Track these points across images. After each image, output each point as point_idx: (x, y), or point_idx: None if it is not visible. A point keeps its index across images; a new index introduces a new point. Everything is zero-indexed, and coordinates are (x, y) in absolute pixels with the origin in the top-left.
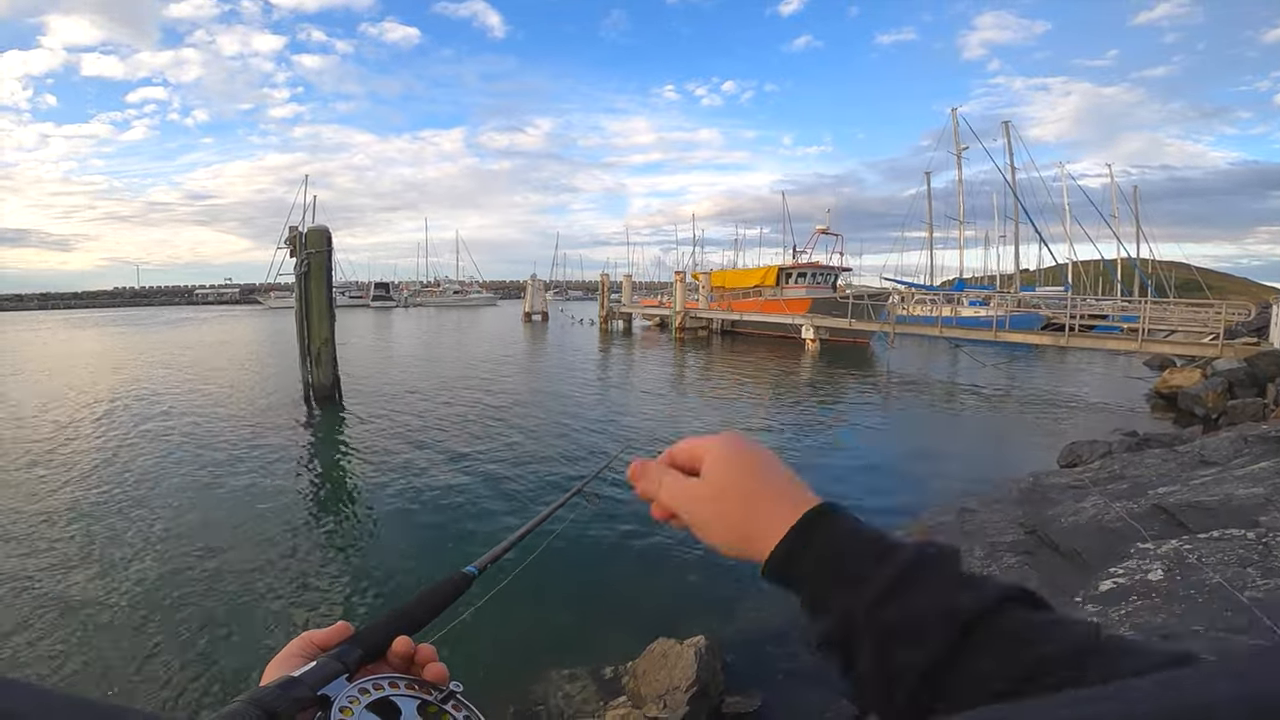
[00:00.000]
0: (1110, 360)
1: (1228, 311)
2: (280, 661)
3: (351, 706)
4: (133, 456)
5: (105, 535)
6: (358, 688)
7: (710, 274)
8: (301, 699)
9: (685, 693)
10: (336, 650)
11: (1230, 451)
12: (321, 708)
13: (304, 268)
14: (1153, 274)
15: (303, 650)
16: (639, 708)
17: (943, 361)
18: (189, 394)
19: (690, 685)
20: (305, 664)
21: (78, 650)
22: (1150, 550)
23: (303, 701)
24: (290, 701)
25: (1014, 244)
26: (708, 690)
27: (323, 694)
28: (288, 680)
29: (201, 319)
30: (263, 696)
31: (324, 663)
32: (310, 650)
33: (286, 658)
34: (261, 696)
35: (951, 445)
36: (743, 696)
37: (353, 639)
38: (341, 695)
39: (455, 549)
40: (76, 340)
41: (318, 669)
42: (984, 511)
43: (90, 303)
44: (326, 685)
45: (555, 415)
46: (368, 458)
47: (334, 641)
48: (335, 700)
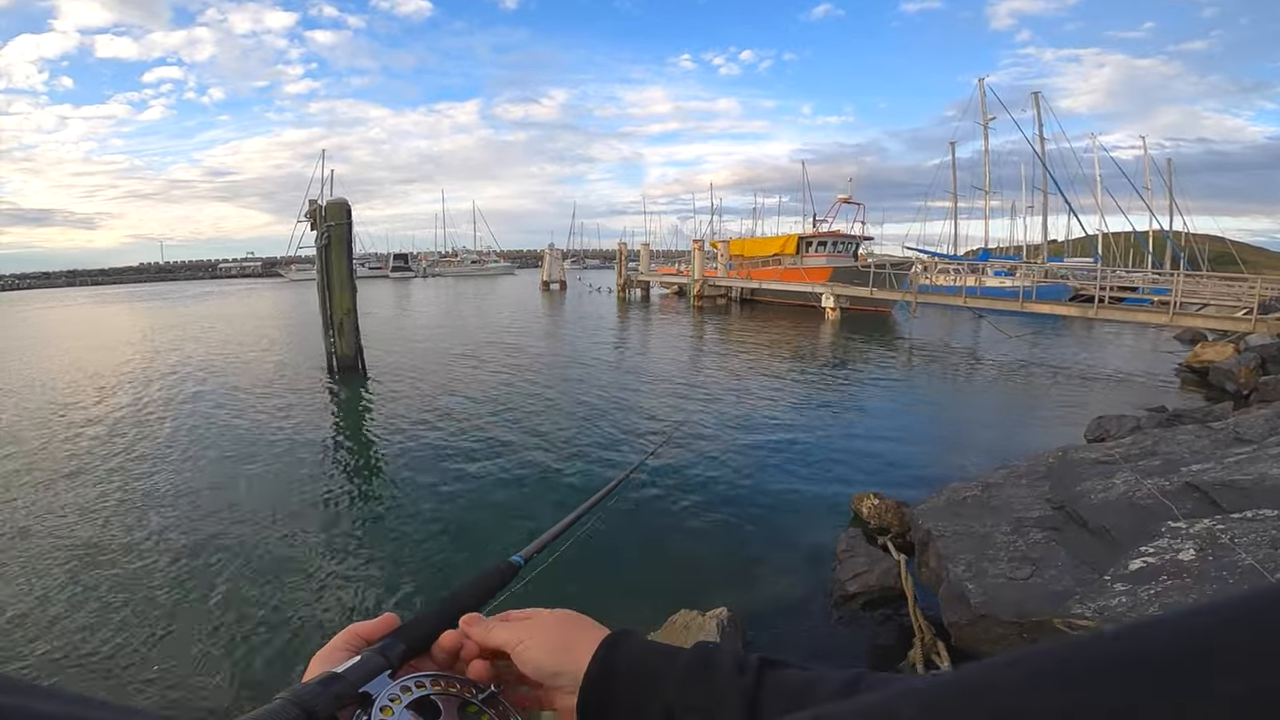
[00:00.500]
0: (1139, 333)
1: (1262, 286)
2: (325, 655)
3: (392, 705)
4: (167, 428)
5: (141, 506)
6: (400, 685)
7: (729, 242)
8: (343, 696)
9: None
10: (380, 645)
11: (1266, 429)
12: (363, 705)
13: (325, 240)
14: (1185, 246)
15: (348, 644)
16: None
17: (965, 332)
18: (218, 365)
19: None
20: (350, 658)
21: (106, 630)
22: (1182, 529)
23: (344, 699)
24: (331, 699)
25: (1042, 214)
26: None
27: (364, 691)
28: (330, 676)
29: (225, 292)
30: (303, 694)
31: (367, 658)
32: (356, 643)
33: (331, 651)
34: (302, 694)
35: (975, 417)
36: None
37: (397, 633)
38: (383, 693)
39: (483, 521)
40: (107, 315)
41: (361, 665)
42: (1009, 486)
43: (116, 279)
44: (369, 682)
45: (580, 385)
46: (393, 429)
47: (379, 634)
48: (377, 698)
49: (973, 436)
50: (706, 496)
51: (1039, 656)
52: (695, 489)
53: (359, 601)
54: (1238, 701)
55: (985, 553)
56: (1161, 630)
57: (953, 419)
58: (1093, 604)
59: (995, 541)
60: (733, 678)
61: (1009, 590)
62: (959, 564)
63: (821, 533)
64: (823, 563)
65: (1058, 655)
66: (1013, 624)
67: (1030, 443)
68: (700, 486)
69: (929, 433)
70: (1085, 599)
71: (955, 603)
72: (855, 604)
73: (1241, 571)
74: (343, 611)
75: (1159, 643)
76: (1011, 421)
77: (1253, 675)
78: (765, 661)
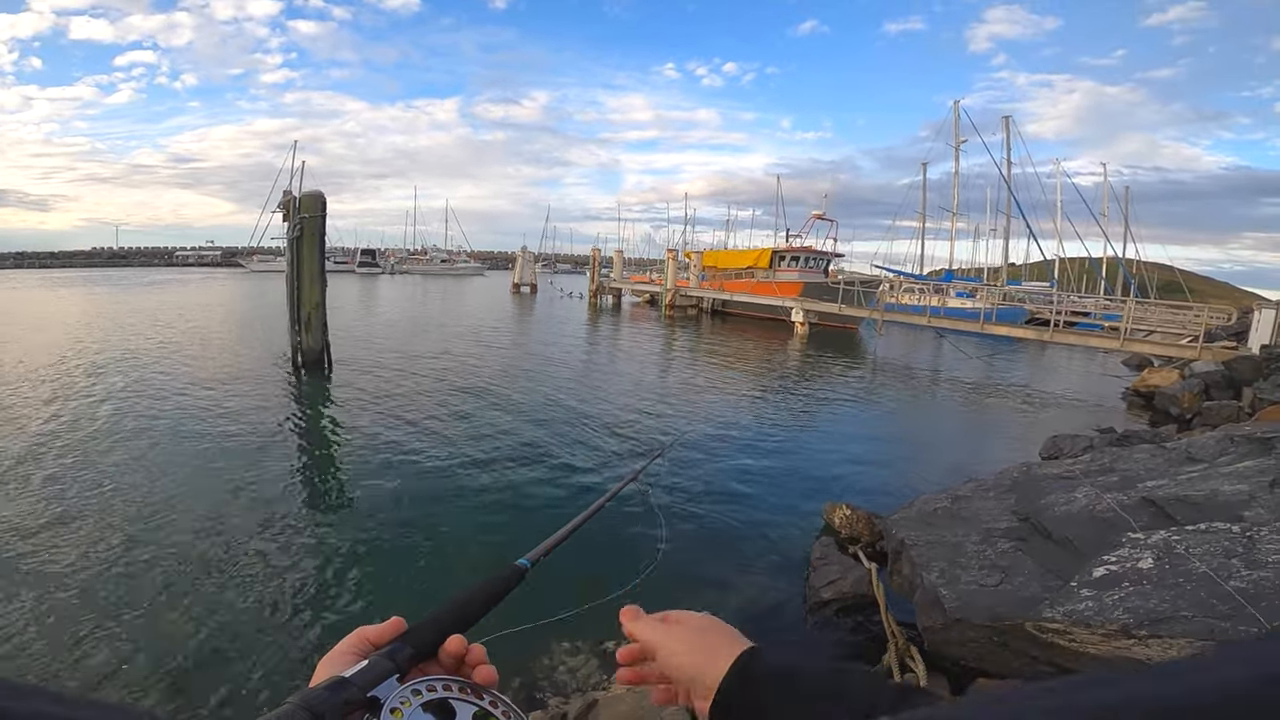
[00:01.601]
0: (1089, 357)
1: (1208, 315)
2: (332, 659)
3: (402, 708)
4: (121, 425)
5: (98, 511)
6: (410, 689)
7: (702, 253)
8: (351, 701)
9: None
10: (388, 649)
11: (1216, 450)
12: (371, 710)
13: (297, 232)
14: (1136, 274)
15: (355, 647)
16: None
17: (927, 351)
18: (174, 357)
19: None
20: (357, 662)
21: (86, 646)
22: (1141, 540)
23: (353, 703)
24: (340, 704)
25: (1004, 238)
26: None
27: (373, 696)
28: (338, 681)
29: (182, 281)
30: (312, 698)
31: (375, 662)
32: (363, 647)
33: (339, 655)
34: (311, 698)
35: (937, 433)
36: None
37: (404, 636)
38: (392, 697)
39: (459, 520)
40: (53, 300)
41: (369, 669)
42: (977, 499)
43: (67, 263)
44: (377, 686)
45: (553, 389)
46: (361, 426)
47: (387, 638)
48: (385, 702)
49: (936, 452)
50: (682, 506)
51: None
52: (669, 499)
53: (350, 608)
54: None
55: (957, 561)
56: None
57: (917, 434)
58: (1061, 608)
59: (966, 550)
60: (864, 700)
61: (981, 596)
62: (932, 571)
63: (795, 542)
64: (797, 570)
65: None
66: (986, 627)
67: (990, 459)
68: (674, 496)
69: (895, 447)
70: (1054, 604)
71: (930, 608)
72: (829, 610)
73: (1197, 579)
74: (305, 621)
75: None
76: (972, 438)
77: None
78: (904, 693)
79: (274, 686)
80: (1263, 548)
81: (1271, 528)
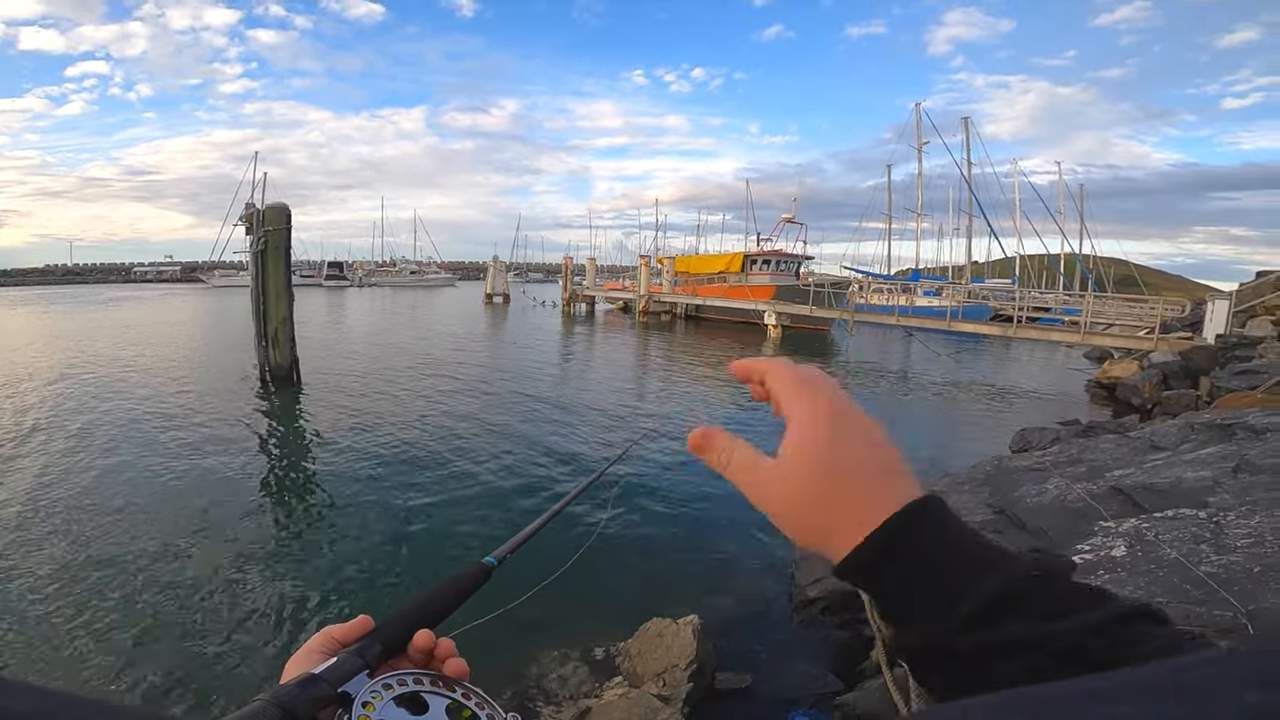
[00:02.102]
0: (1052, 351)
1: (1163, 307)
2: (301, 658)
3: (373, 701)
4: (89, 443)
5: (67, 528)
6: (380, 683)
7: (675, 259)
8: (322, 697)
9: (685, 670)
10: (357, 646)
11: (1178, 438)
12: (343, 705)
13: (261, 245)
14: (1094, 269)
15: (323, 646)
16: (637, 686)
17: (897, 350)
18: (137, 376)
19: (690, 663)
20: (326, 660)
21: (62, 659)
22: (1112, 528)
23: (324, 699)
24: (310, 700)
25: (967, 237)
26: (704, 668)
27: (343, 691)
28: (308, 678)
29: (141, 298)
30: (283, 695)
31: (345, 659)
32: (331, 646)
33: (307, 654)
34: (282, 695)
35: (910, 430)
36: (733, 674)
37: (373, 633)
38: (363, 691)
39: (429, 530)
40: (8, 319)
41: (338, 665)
42: (953, 493)
43: (20, 281)
44: (347, 682)
45: (528, 397)
46: (331, 440)
47: (354, 636)
48: (357, 697)
49: (910, 448)
50: (664, 508)
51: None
52: (653, 501)
53: (317, 613)
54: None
55: None
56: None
57: (890, 432)
58: None
59: None
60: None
61: None
62: None
63: (778, 542)
64: (782, 570)
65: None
66: None
67: (963, 453)
68: (657, 498)
69: None
70: None
71: None
72: (815, 608)
73: (1169, 565)
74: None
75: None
76: (944, 434)
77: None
78: (1139, 612)
79: (242, 687)
80: (1230, 533)
81: (1237, 512)
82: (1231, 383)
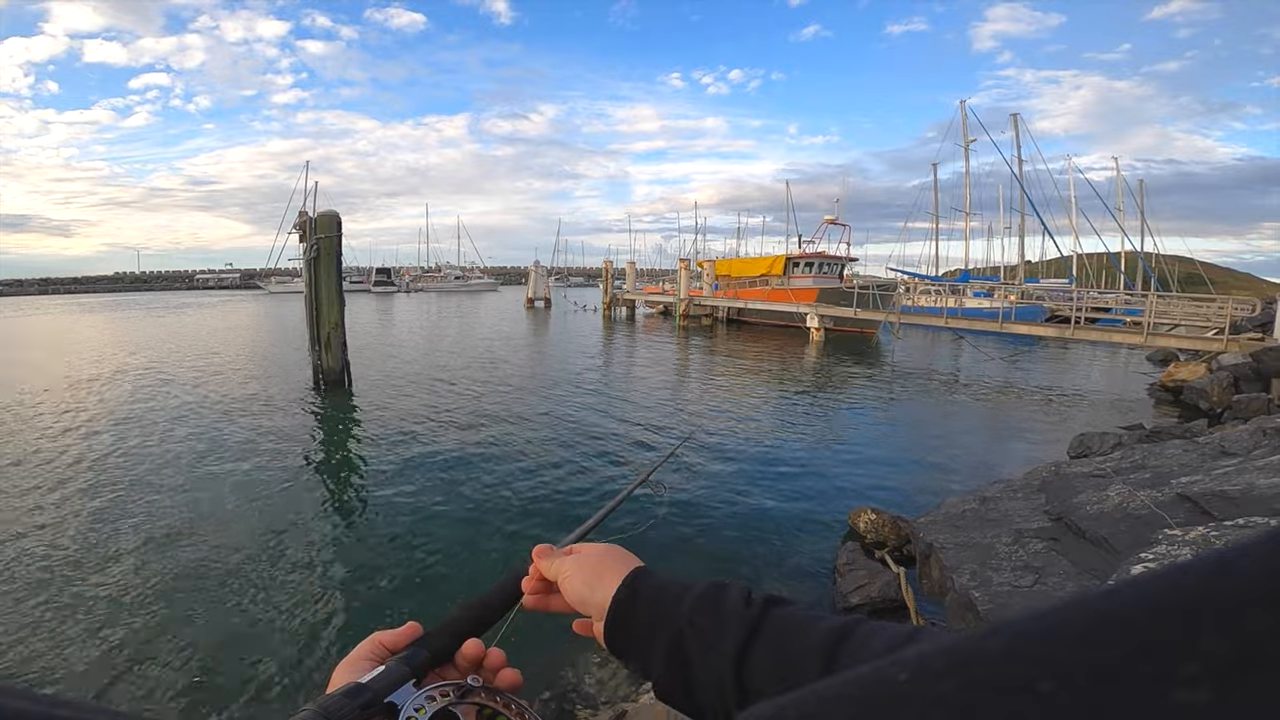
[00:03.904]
0: (1112, 354)
1: (1232, 306)
2: (349, 665)
3: (417, 715)
4: (157, 441)
5: (133, 526)
6: (425, 695)
7: (715, 262)
8: (368, 707)
9: None
10: (404, 654)
11: (1250, 443)
12: (388, 715)
13: (314, 253)
14: (1156, 267)
15: (371, 653)
16: None
17: (946, 353)
18: (202, 378)
19: None
20: (374, 667)
21: (111, 653)
22: (1178, 536)
23: (369, 710)
24: (356, 710)
25: (1018, 236)
26: None
27: (390, 701)
28: (355, 687)
29: (204, 304)
30: (329, 705)
31: (391, 668)
32: (379, 652)
33: (355, 660)
34: (328, 705)
35: (960, 435)
36: None
37: (421, 641)
38: (408, 703)
39: (483, 532)
40: (83, 324)
41: (385, 675)
42: (1006, 499)
43: (91, 288)
44: (393, 692)
45: (573, 401)
46: (382, 443)
47: (403, 643)
48: (402, 709)
49: (960, 454)
50: (706, 512)
51: (1030, 624)
52: (695, 505)
53: (367, 616)
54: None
55: (988, 562)
56: (1142, 589)
57: (940, 437)
58: None
59: (997, 552)
60: (739, 609)
61: (1015, 598)
62: (963, 574)
63: (821, 547)
64: (824, 576)
65: (1044, 618)
66: None
67: (1016, 459)
68: (699, 503)
69: (917, 450)
70: None
71: (963, 611)
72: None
73: None
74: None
75: (1142, 602)
76: (996, 439)
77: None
78: (770, 599)
79: (292, 692)
80: None
81: None
82: None
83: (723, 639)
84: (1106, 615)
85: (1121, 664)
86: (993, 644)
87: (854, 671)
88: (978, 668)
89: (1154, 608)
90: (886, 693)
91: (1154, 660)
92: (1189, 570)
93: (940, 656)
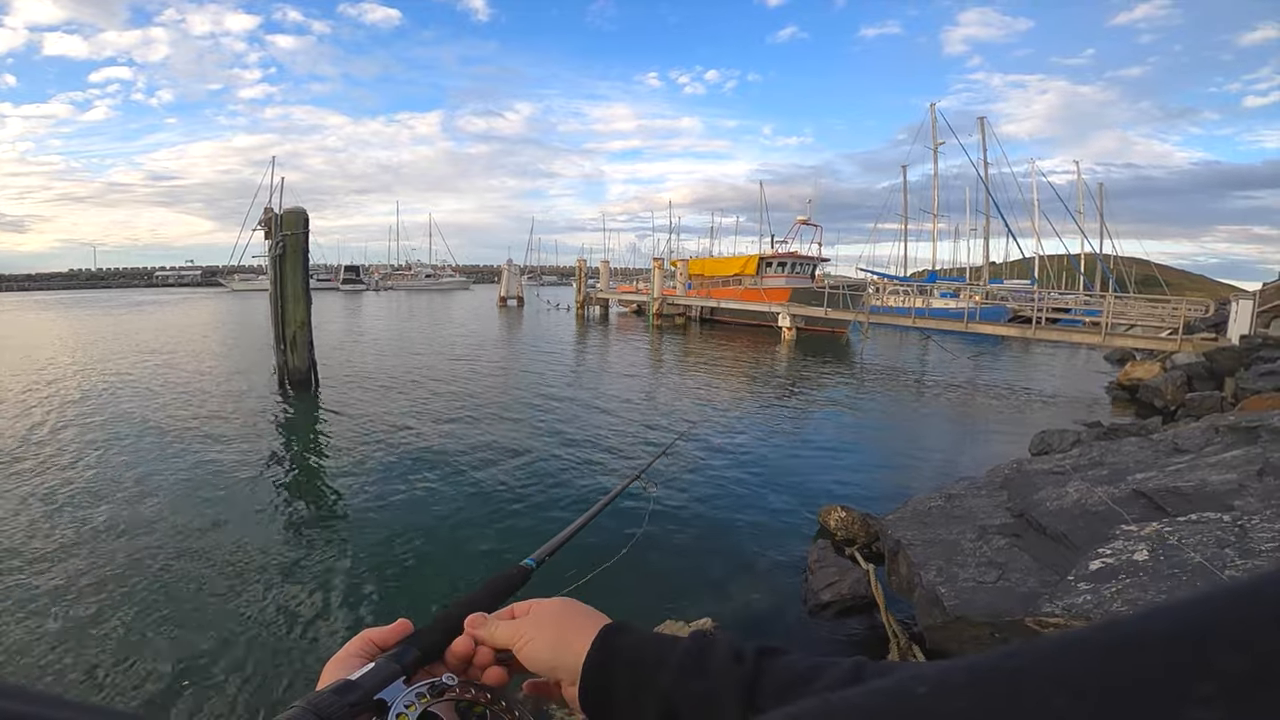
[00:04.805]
0: (1072, 353)
1: (1186, 307)
2: (339, 662)
3: (408, 712)
4: (113, 447)
5: (93, 531)
6: (415, 692)
7: (688, 261)
8: (358, 704)
9: None
10: (394, 651)
11: (1202, 440)
12: (378, 713)
13: (280, 250)
14: (1114, 269)
15: (362, 650)
16: None
17: (914, 352)
18: (160, 379)
19: None
20: (364, 664)
21: (90, 655)
22: (1134, 532)
23: (360, 706)
24: (346, 707)
25: (983, 237)
26: None
27: (380, 698)
28: (344, 684)
29: (164, 302)
30: (319, 701)
31: (381, 665)
32: (369, 649)
33: (345, 657)
34: (318, 701)
35: (927, 433)
36: None
37: (411, 638)
38: (399, 700)
39: (456, 534)
40: (34, 323)
41: (375, 672)
42: (970, 496)
43: (45, 285)
44: (383, 689)
45: (546, 402)
46: (351, 443)
47: (393, 640)
48: (392, 706)
49: (927, 452)
50: (679, 511)
51: (1048, 644)
52: (667, 504)
53: (346, 612)
54: (1234, 675)
55: (954, 559)
56: (1162, 614)
57: (907, 435)
58: (1060, 602)
59: (962, 548)
60: (730, 666)
61: (980, 593)
62: (930, 570)
63: (792, 545)
64: (795, 573)
65: (1063, 639)
66: (985, 624)
67: (981, 457)
68: (672, 502)
69: (886, 449)
70: (1053, 598)
71: (929, 607)
72: (829, 612)
73: (1191, 569)
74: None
75: (1160, 625)
76: (962, 437)
77: (1248, 651)
78: (763, 651)
79: (280, 691)
80: (1255, 536)
81: (1262, 516)
82: (1256, 384)
83: (722, 710)
84: (1125, 636)
85: (1137, 683)
86: (1011, 663)
87: (873, 684)
88: (996, 684)
89: (1170, 630)
90: (904, 706)
91: (1169, 679)
92: (1208, 596)
93: (961, 673)
